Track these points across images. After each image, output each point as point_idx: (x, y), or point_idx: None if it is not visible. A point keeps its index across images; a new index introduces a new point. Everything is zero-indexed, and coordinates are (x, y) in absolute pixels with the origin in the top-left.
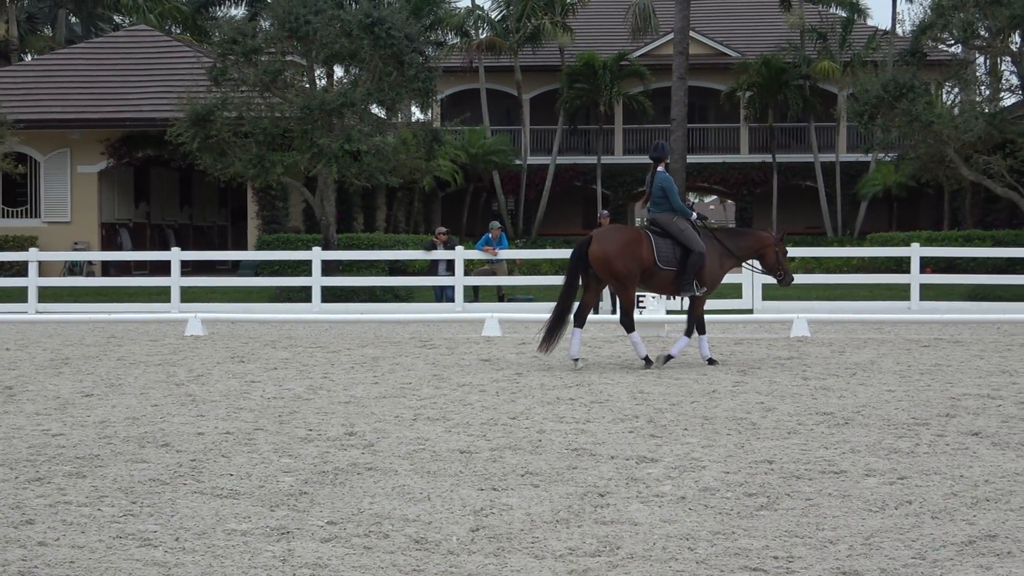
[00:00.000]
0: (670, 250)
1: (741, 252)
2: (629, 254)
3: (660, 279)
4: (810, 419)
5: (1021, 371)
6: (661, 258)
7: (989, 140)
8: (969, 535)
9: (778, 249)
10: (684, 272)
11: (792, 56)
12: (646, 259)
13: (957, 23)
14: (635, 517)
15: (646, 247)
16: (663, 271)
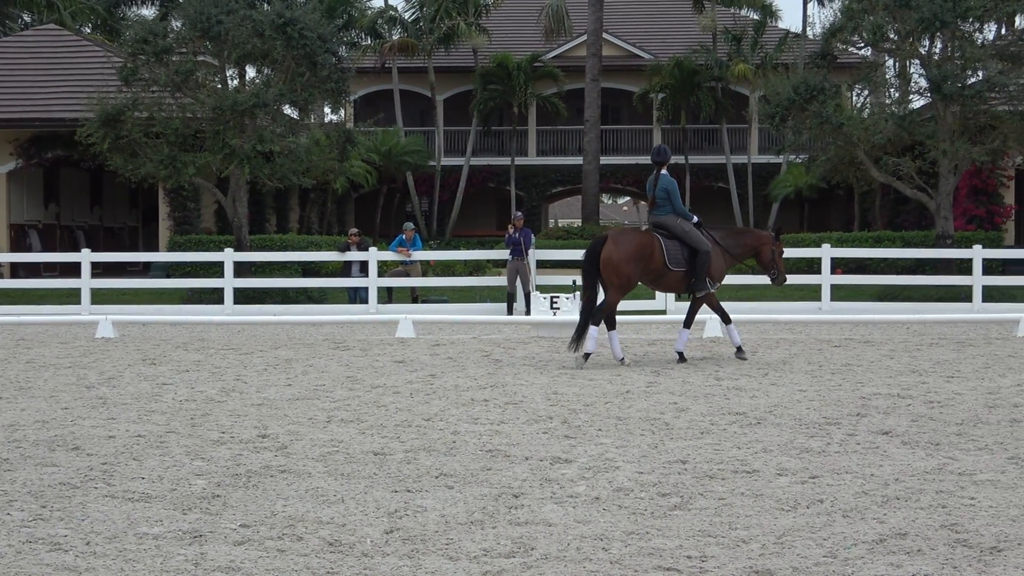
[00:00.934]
0: (679, 251)
1: (739, 251)
2: (640, 259)
3: (670, 279)
4: (723, 419)
5: (930, 371)
6: (671, 259)
7: (898, 142)
8: (880, 533)
9: (774, 247)
10: (694, 272)
11: (705, 58)
12: (657, 261)
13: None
14: (549, 518)
15: (657, 250)
16: (673, 272)
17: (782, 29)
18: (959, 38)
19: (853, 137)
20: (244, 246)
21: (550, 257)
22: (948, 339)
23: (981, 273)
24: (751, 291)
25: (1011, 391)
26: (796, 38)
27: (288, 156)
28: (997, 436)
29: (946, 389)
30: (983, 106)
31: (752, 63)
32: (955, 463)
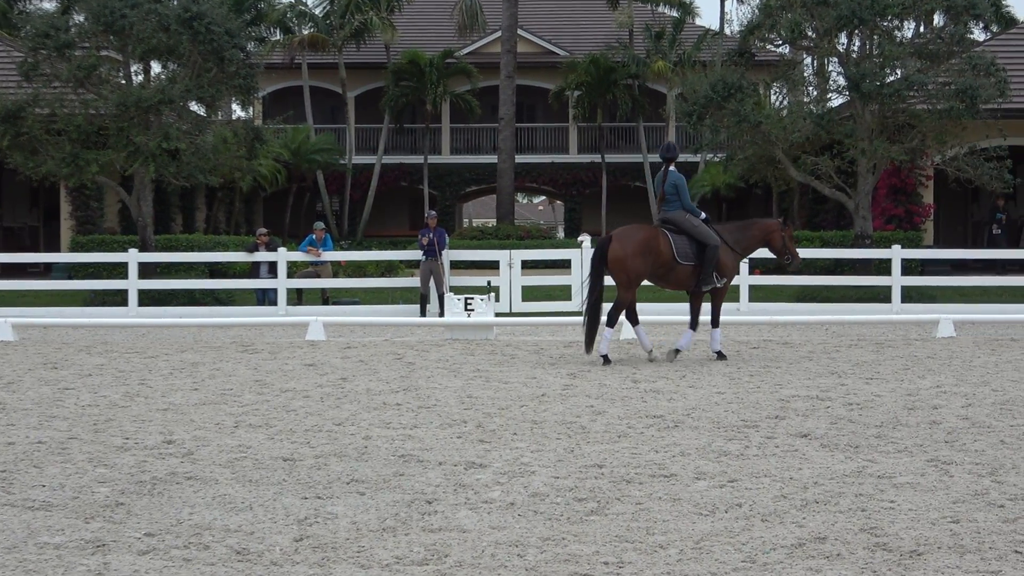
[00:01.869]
0: (687, 246)
1: (746, 244)
2: (647, 254)
3: (679, 274)
4: (640, 422)
5: (849, 372)
6: (680, 254)
7: (817, 141)
8: (799, 537)
9: (784, 233)
10: (702, 266)
11: (622, 55)
12: (665, 255)
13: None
14: (463, 524)
15: (664, 244)
16: (682, 266)
17: (700, 26)
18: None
19: (771, 136)
20: (149, 246)
21: (464, 258)
22: (867, 340)
23: (900, 273)
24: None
25: (930, 393)
26: (715, 36)
27: (195, 154)
28: (916, 438)
29: (865, 391)
30: (902, 105)
31: (670, 60)
32: (874, 466)
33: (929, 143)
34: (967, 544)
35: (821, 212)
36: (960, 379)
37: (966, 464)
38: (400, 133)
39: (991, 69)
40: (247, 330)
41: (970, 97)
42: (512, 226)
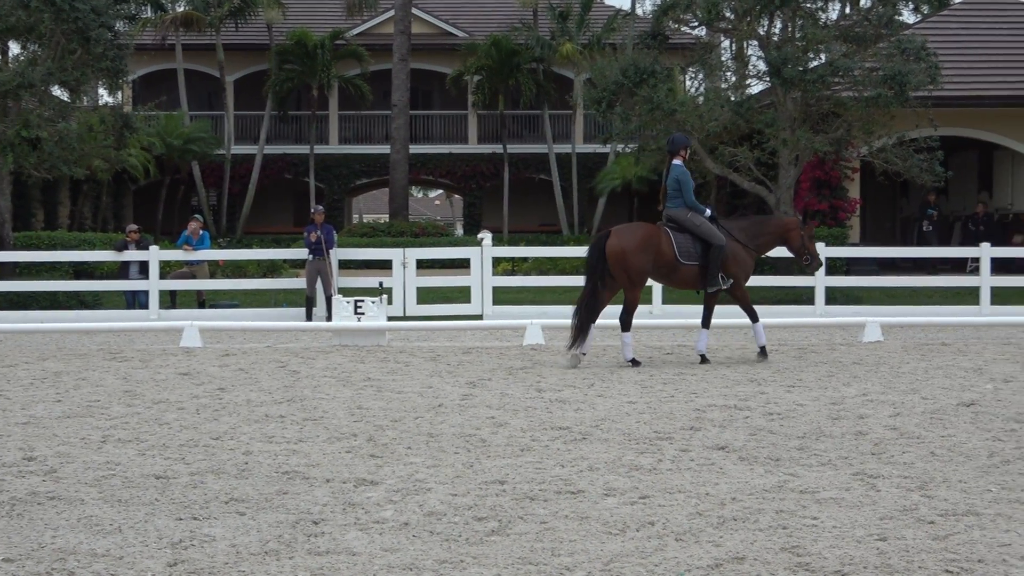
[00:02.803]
0: (690, 245)
1: (762, 241)
2: (647, 251)
3: (683, 274)
4: (545, 435)
5: (770, 380)
6: (682, 253)
7: (735, 130)
8: (715, 558)
9: (804, 232)
10: (707, 267)
11: (525, 37)
12: (666, 254)
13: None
14: (353, 546)
15: (665, 243)
16: (685, 266)
17: (611, 7)
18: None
19: (686, 125)
20: (6, 244)
21: (354, 257)
22: (789, 345)
23: (824, 273)
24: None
25: (856, 401)
26: (625, 16)
27: (57, 143)
28: (841, 450)
29: (787, 399)
30: (826, 92)
31: (578, 43)
32: (796, 480)
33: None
34: (895, 564)
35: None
36: (888, 386)
37: (894, 477)
38: (284, 121)
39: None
40: (115, 336)
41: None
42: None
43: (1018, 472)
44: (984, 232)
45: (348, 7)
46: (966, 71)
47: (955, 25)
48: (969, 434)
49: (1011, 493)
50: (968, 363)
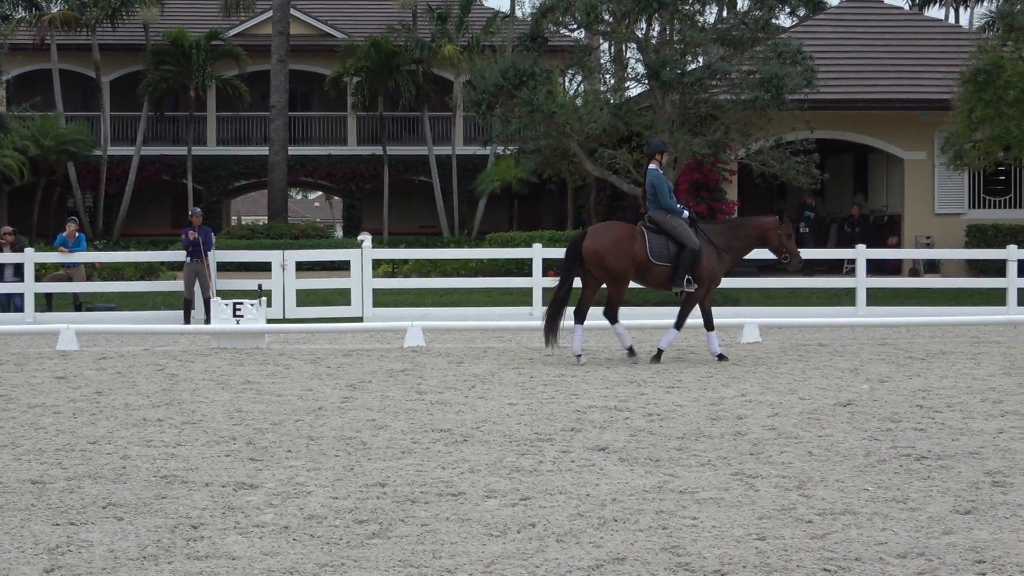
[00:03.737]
0: (663, 246)
1: (740, 244)
2: (621, 250)
3: (654, 274)
4: (426, 437)
5: (649, 381)
6: (654, 254)
7: (614, 133)
8: (596, 559)
9: (780, 231)
10: (676, 268)
11: (405, 39)
12: (639, 255)
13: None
14: (233, 550)
15: (639, 243)
16: (656, 266)
17: (490, 8)
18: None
19: (566, 127)
20: None
21: (233, 259)
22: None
23: None
24: (456, 296)
25: (735, 402)
26: (505, 18)
27: None
28: (720, 450)
29: (666, 400)
30: (704, 95)
31: (458, 45)
32: (676, 480)
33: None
34: (774, 563)
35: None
36: (766, 387)
37: (772, 477)
38: (161, 122)
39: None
40: None
41: (776, 87)
42: (285, 224)
43: (894, 471)
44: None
45: (225, 7)
46: (841, 74)
47: (830, 29)
48: (846, 434)
49: (887, 492)
50: (845, 364)
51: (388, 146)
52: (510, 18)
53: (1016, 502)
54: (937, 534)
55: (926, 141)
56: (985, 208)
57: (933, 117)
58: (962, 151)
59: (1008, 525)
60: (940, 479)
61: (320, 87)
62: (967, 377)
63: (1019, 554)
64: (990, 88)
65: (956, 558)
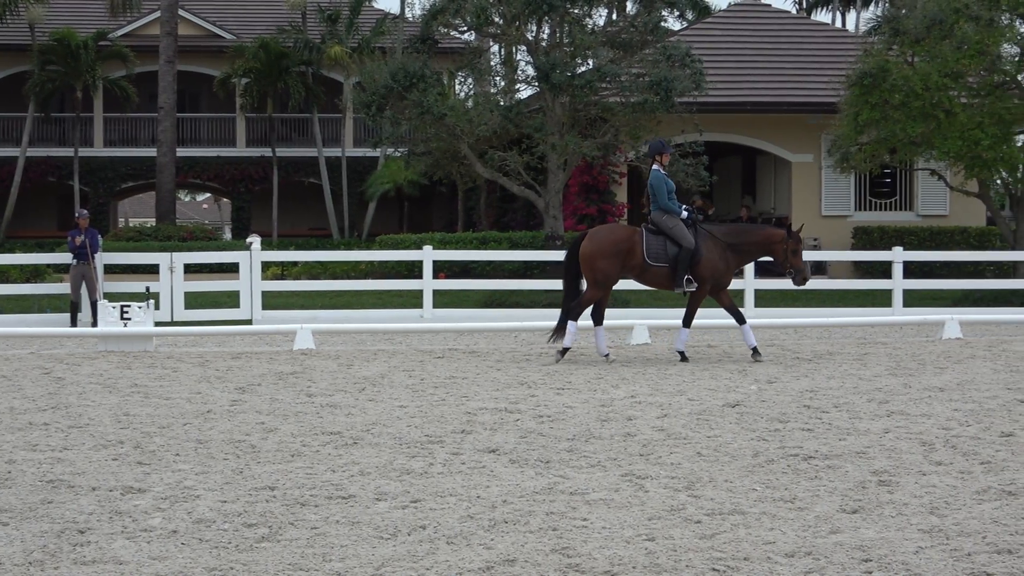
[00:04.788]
0: (661, 247)
1: (746, 249)
2: (616, 254)
3: (652, 274)
4: (316, 440)
5: (539, 383)
6: (650, 254)
7: (505, 135)
8: (487, 560)
9: (787, 245)
10: (675, 268)
11: (294, 40)
12: (635, 256)
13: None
14: (120, 555)
15: (636, 244)
16: (654, 267)
17: (380, 10)
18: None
19: (456, 129)
20: None
21: (120, 261)
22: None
23: None
24: (346, 298)
25: (624, 403)
26: (395, 20)
27: None
28: (610, 451)
29: (557, 402)
30: (594, 97)
31: (347, 46)
32: (566, 482)
33: (623, 138)
34: (663, 563)
35: (510, 211)
36: (655, 388)
37: (662, 478)
38: (48, 123)
39: (687, 60)
40: None
41: (665, 89)
42: (174, 226)
43: (782, 471)
44: None
45: (112, 7)
46: (730, 78)
47: (719, 32)
48: (734, 434)
49: (775, 492)
50: (733, 365)
51: (277, 148)
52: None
53: (902, 501)
54: (824, 533)
55: (813, 144)
56: (871, 210)
57: (820, 120)
58: (848, 154)
59: (894, 524)
60: (827, 479)
61: (209, 88)
62: (854, 378)
63: (904, 552)
64: (876, 92)
65: (843, 557)
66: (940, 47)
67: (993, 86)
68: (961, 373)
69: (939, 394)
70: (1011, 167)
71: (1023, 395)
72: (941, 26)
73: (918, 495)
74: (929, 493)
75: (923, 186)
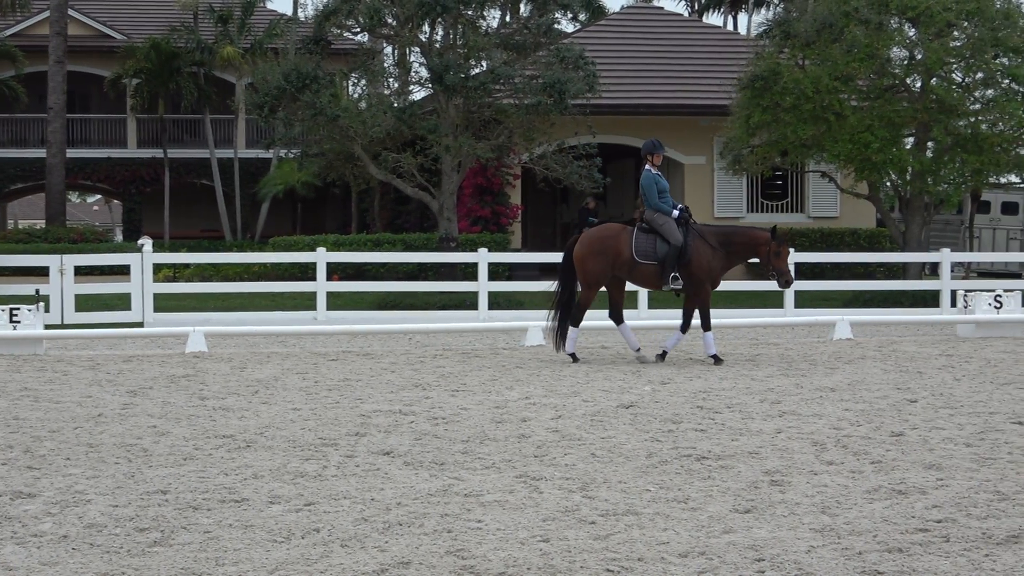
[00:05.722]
0: (651, 245)
1: (733, 250)
2: (603, 254)
3: (641, 272)
4: (208, 443)
5: (434, 384)
6: (639, 252)
7: (399, 136)
8: (381, 563)
9: (770, 248)
10: (663, 266)
11: (185, 40)
12: (624, 254)
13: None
14: (9, 561)
15: (625, 243)
16: (642, 264)
17: (273, 11)
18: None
19: (350, 130)
20: None
21: (9, 264)
22: (453, 350)
23: (487, 279)
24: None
25: (519, 405)
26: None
27: None
28: (505, 453)
29: (451, 404)
30: (487, 99)
31: (240, 47)
32: (461, 484)
33: (516, 140)
34: (558, 564)
35: (404, 213)
36: (550, 390)
37: (556, 479)
38: None
39: (580, 62)
40: None
41: (558, 91)
42: (64, 228)
43: (675, 472)
44: None
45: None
46: (623, 80)
47: (612, 35)
48: (628, 435)
49: (669, 492)
50: (627, 366)
51: (169, 149)
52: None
53: (794, 501)
54: (717, 533)
55: (705, 146)
56: (763, 212)
57: (712, 123)
58: (740, 156)
59: (786, 523)
60: (720, 479)
61: (99, 89)
62: (746, 378)
63: (796, 551)
64: (767, 94)
65: (736, 556)
66: (830, 50)
67: (882, 89)
68: (852, 373)
69: (830, 394)
70: (900, 169)
71: (912, 395)
72: (831, 30)
73: (810, 495)
74: (820, 492)
75: (814, 188)
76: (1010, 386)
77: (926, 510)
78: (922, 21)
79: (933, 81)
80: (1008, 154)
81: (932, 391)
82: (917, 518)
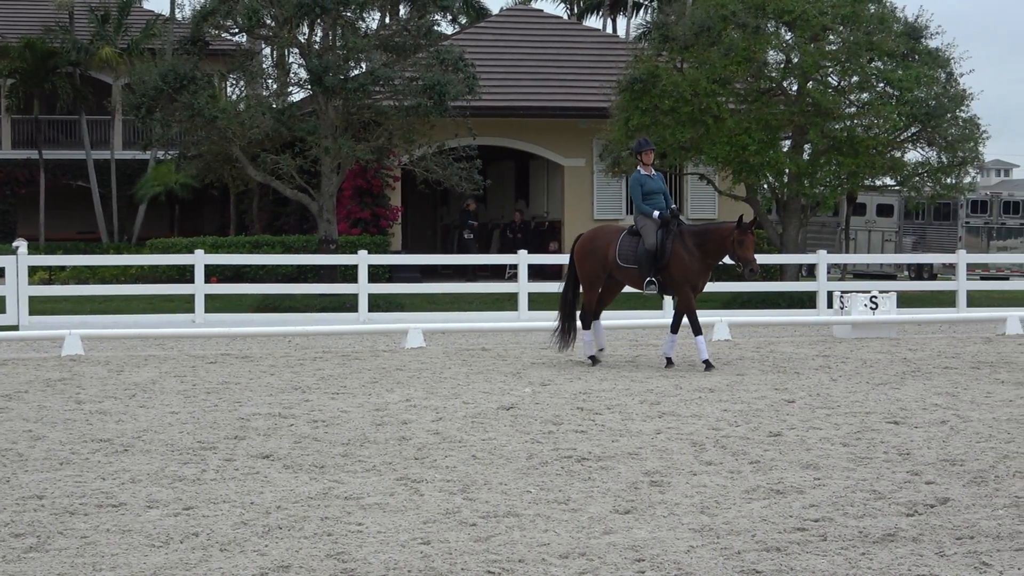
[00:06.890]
0: (632, 248)
1: (709, 248)
2: (593, 255)
3: (625, 275)
4: (85, 447)
5: (313, 387)
6: (620, 255)
7: (278, 138)
8: (261, 567)
9: (734, 238)
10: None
11: (61, 40)
12: (608, 256)
13: (241, 10)
14: None
15: (611, 245)
16: (623, 268)
17: (150, 11)
18: (341, 26)
19: (228, 132)
20: None
21: None
22: (333, 352)
23: (367, 280)
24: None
25: (399, 407)
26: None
27: None
28: (385, 456)
29: (331, 406)
30: (367, 100)
31: (117, 47)
32: (341, 487)
33: (396, 142)
34: (439, 567)
35: (283, 215)
36: (430, 392)
37: (437, 481)
38: None
39: (460, 64)
40: None
41: (438, 93)
42: None
43: (555, 473)
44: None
45: None
46: (503, 82)
47: (492, 37)
48: (509, 437)
49: (549, 494)
50: (507, 368)
51: (44, 150)
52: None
53: (673, 501)
54: (598, 534)
55: (585, 148)
56: None
57: (592, 125)
58: (619, 158)
59: (666, 524)
60: (600, 480)
61: None
62: (626, 379)
63: (676, 552)
64: (646, 97)
65: (616, 557)
66: (708, 53)
67: (760, 92)
68: (730, 374)
69: (709, 395)
70: (777, 172)
71: (790, 395)
72: (709, 33)
73: (689, 495)
74: (700, 493)
75: (692, 190)
76: (885, 386)
77: (804, 509)
78: (798, 25)
79: (809, 85)
80: (883, 157)
81: (809, 391)
82: (795, 517)
